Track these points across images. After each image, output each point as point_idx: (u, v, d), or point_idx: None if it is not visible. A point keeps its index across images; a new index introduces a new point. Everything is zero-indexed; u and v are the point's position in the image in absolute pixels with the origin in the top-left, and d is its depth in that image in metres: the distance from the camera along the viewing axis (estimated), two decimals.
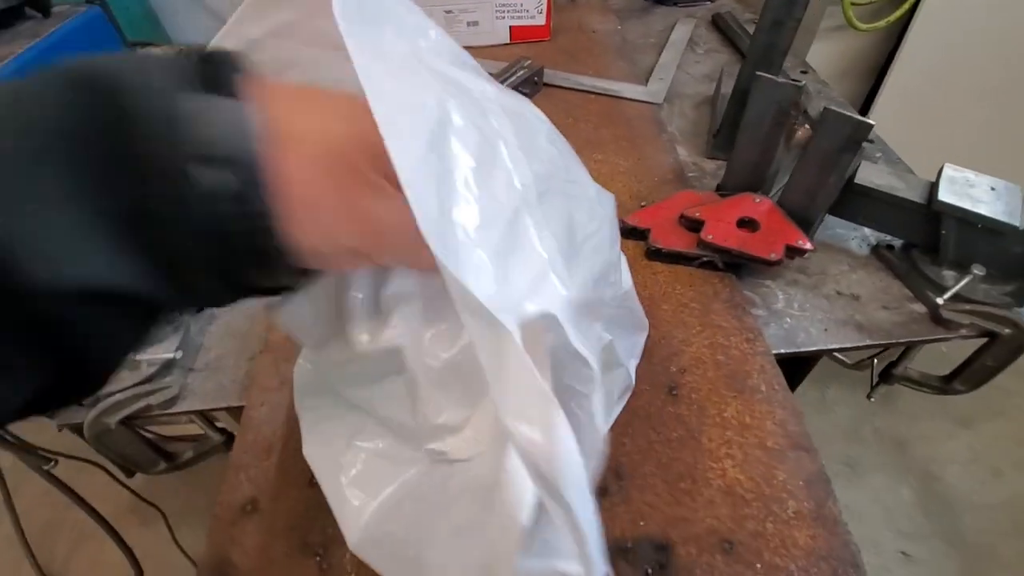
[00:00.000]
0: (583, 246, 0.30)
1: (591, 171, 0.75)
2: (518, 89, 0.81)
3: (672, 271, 0.59)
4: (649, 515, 0.42)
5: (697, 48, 0.97)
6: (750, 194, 0.60)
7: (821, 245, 0.63)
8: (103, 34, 1.04)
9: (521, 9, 0.93)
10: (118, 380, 0.51)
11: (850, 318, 0.56)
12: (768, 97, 0.54)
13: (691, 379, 0.50)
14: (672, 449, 0.46)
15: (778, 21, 0.58)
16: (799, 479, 0.44)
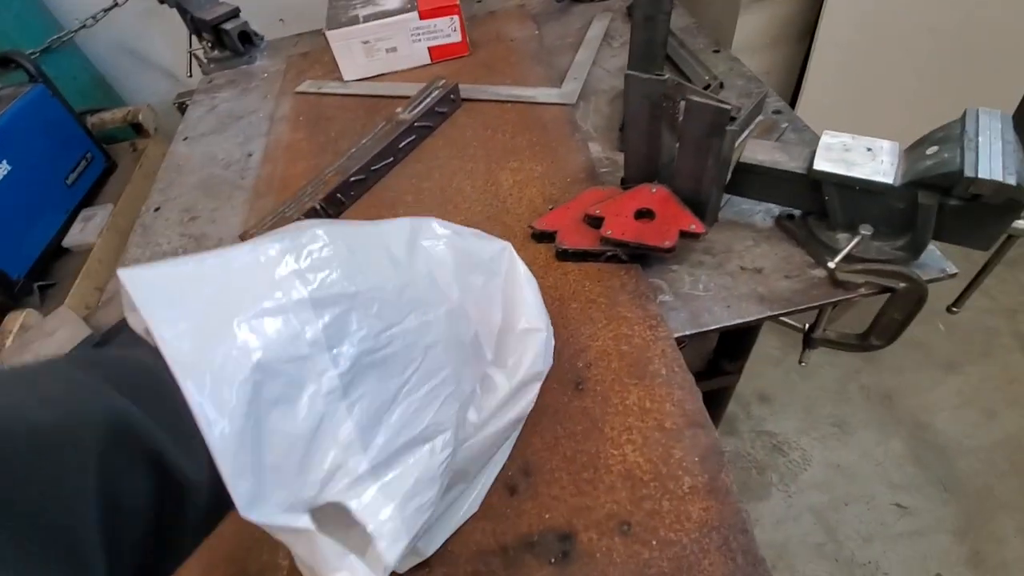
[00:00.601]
0: (401, 403, 0.34)
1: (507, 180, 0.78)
2: (435, 109, 0.84)
3: (581, 269, 0.62)
4: (554, 507, 0.45)
5: (613, 42, 1.00)
6: (647, 185, 0.62)
7: (727, 223, 0.65)
8: (49, 108, 1.09)
9: (436, 30, 0.95)
10: None
11: (752, 291, 0.58)
12: (639, 93, 0.56)
13: (596, 372, 0.53)
14: (577, 442, 0.48)
15: (649, 16, 0.60)
16: (695, 455, 0.46)
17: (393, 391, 0.34)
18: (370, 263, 0.34)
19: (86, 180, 1.12)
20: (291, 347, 0.29)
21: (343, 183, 0.74)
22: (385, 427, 0.33)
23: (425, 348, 0.36)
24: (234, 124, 0.99)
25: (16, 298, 0.93)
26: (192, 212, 0.83)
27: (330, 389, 0.30)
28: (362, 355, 0.32)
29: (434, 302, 0.38)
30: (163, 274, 0.28)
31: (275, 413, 0.28)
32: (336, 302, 0.31)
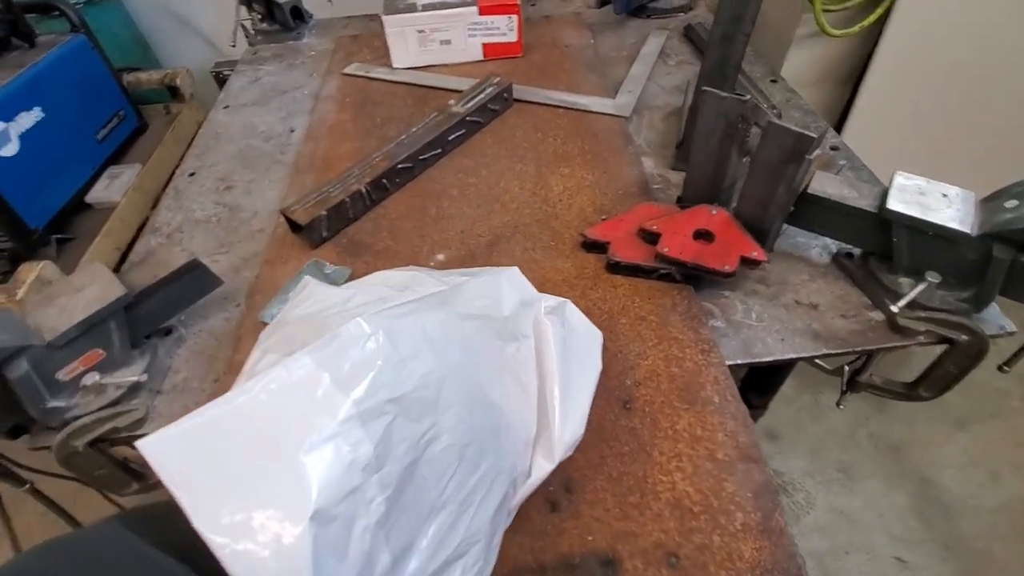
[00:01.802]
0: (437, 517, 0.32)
1: (557, 185, 0.77)
2: (487, 106, 0.83)
3: (632, 284, 0.60)
4: (597, 530, 0.43)
5: (669, 60, 0.99)
6: (707, 206, 0.61)
7: (782, 255, 0.63)
8: (88, 61, 1.07)
9: (493, 27, 0.94)
10: (84, 404, 0.52)
11: (807, 327, 0.56)
12: (715, 111, 0.55)
13: (645, 392, 0.51)
14: (623, 463, 0.46)
15: (727, 36, 0.59)
16: (747, 491, 0.44)
17: (428, 506, 0.31)
18: (412, 355, 0.32)
19: (116, 137, 1.09)
20: (345, 480, 0.26)
21: (390, 169, 0.72)
22: (419, 550, 0.30)
23: (462, 448, 0.33)
24: (277, 98, 0.98)
25: (33, 248, 0.91)
26: (228, 181, 0.81)
27: (377, 519, 0.28)
28: (405, 470, 0.29)
29: (471, 392, 0.35)
30: (185, 430, 0.25)
31: (327, 566, 0.25)
32: (384, 411, 0.29)
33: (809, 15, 1.04)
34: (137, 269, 0.58)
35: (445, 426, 0.32)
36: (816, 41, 1.14)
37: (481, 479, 0.34)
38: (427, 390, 0.31)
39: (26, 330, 0.49)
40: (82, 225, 0.98)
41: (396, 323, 0.32)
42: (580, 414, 0.42)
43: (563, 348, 0.43)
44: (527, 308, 0.43)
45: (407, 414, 0.30)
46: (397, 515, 0.29)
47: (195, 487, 0.24)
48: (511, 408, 0.39)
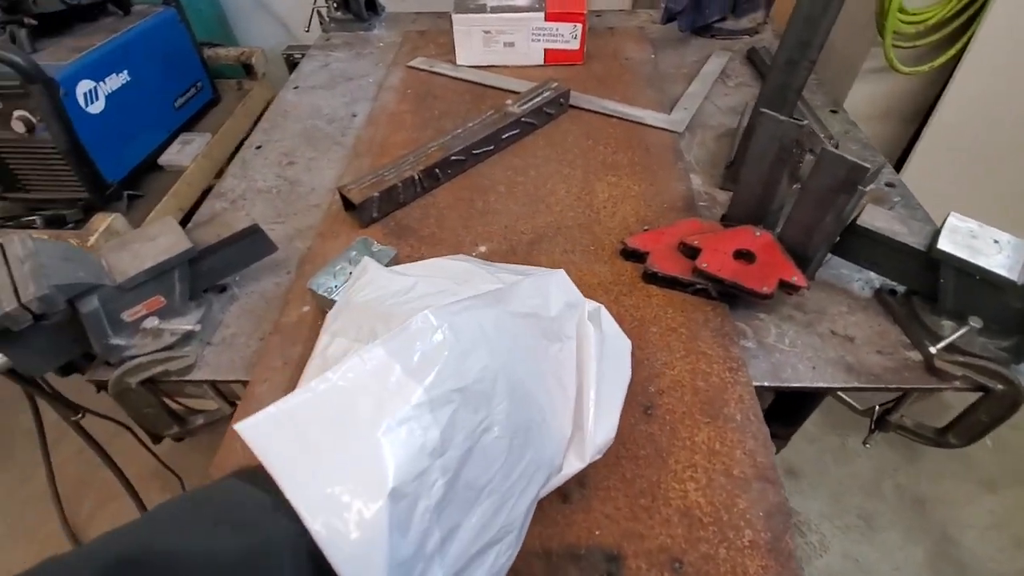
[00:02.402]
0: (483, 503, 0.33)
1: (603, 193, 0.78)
2: (543, 109, 0.85)
3: (666, 295, 0.61)
4: (606, 526, 0.44)
5: (728, 81, 0.99)
6: (751, 227, 0.61)
7: (822, 284, 0.63)
8: (175, 33, 1.14)
9: (556, 34, 0.96)
10: (141, 345, 0.56)
11: (840, 359, 0.56)
12: (770, 133, 0.55)
13: (668, 401, 0.51)
14: (638, 466, 0.47)
15: (792, 61, 0.60)
16: (760, 510, 0.44)
17: (477, 491, 0.33)
18: (472, 349, 0.34)
19: (192, 107, 1.16)
20: (417, 462, 0.29)
21: (444, 160, 0.75)
22: (463, 533, 0.32)
23: (510, 440, 0.35)
24: (344, 84, 1.02)
25: (106, 200, 0.97)
26: (291, 157, 0.86)
27: (437, 501, 0.30)
28: (463, 456, 0.31)
29: (518, 387, 0.37)
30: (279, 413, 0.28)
31: (393, 540, 0.27)
32: (450, 399, 0.31)
33: (878, 49, 1.02)
34: (201, 228, 0.62)
35: (497, 418, 0.34)
36: (883, 76, 1.12)
37: (524, 471, 0.36)
38: (484, 383, 0.33)
39: (100, 270, 0.53)
40: (152, 184, 1.04)
41: (458, 318, 0.34)
42: (612, 419, 0.44)
43: (601, 353, 0.44)
44: (572, 310, 0.45)
45: (467, 404, 0.32)
46: (450, 498, 0.30)
47: (288, 466, 0.26)
48: (551, 405, 0.40)
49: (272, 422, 0.28)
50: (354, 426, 0.28)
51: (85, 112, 0.91)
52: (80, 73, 0.90)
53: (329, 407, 0.29)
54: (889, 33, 0.97)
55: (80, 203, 0.95)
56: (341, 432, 0.28)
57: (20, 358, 0.51)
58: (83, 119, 0.90)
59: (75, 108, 0.88)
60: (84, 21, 1.02)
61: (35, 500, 1.31)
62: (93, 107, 0.93)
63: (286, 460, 0.26)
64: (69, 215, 0.93)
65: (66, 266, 0.50)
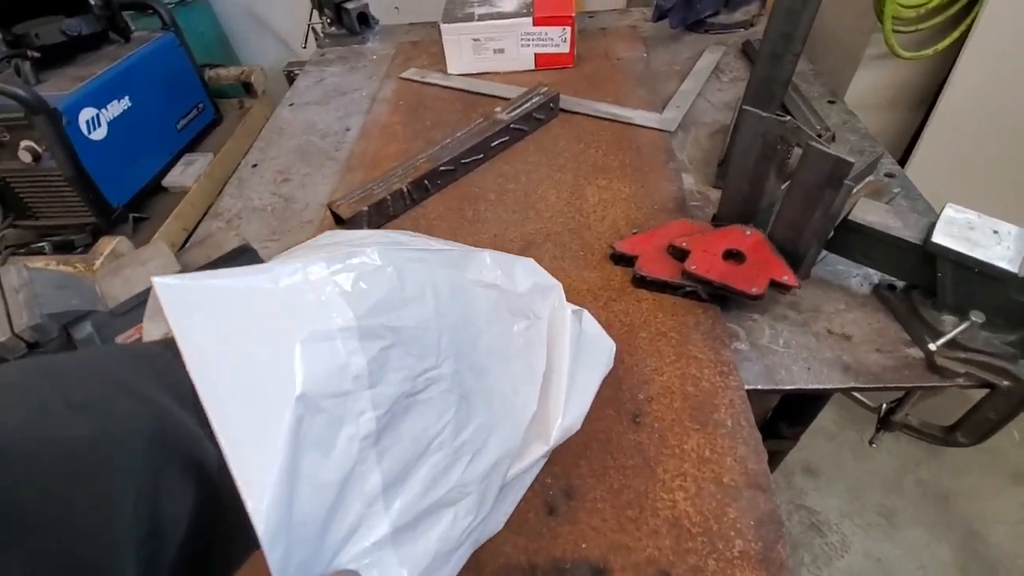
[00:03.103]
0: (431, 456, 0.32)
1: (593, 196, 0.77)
2: (532, 115, 0.84)
3: (656, 299, 0.60)
4: (592, 538, 0.43)
5: (723, 76, 0.97)
6: (741, 226, 0.60)
7: (818, 281, 0.61)
8: (175, 57, 1.17)
9: (546, 38, 0.96)
10: None
11: (837, 358, 0.54)
12: (753, 130, 0.54)
13: (657, 408, 0.50)
14: (626, 476, 0.46)
15: (776, 54, 0.58)
16: (750, 519, 0.43)
17: (424, 443, 0.32)
18: (416, 297, 0.32)
19: (194, 128, 1.19)
20: (335, 381, 0.27)
21: (432, 171, 0.75)
22: (411, 484, 0.31)
23: (459, 397, 0.34)
24: (338, 98, 1.03)
25: (112, 224, 1.00)
26: (286, 174, 0.87)
27: (366, 433, 0.28)
28: (400, 397, 0.30)
29: (469, 351, 0.36)
30: (202, 285, 0.26)
31: (309, 457, 0.25)
32: (381, 335, 0.29)
33: (879, 35, 1.00)
34: (196, 249, 0.63)
35: (444, 372, 0.33)
36: (885, 63, 1.10)
37: (475, 432, 0.35)
38: (428, 332, 0.32)
39: (94, 297, 0.54)
40: (157, 206, 1.07)
41: (408, 265, 0.33)
42: (581, 407, 0.43)
43: (577, 345, 0.43)
44: (543, 292, 0.44)
45: (406, 347, 0.30)
46: (391, 442, 0.29)
47: (199, 344, 0.24)
48: (510, 380, 0.39)
49: (196, 291, 0.25)
50: (275, 327, 0.26)
51: (88, 139, 0.93)
52: (81, 102, 0.92)
53: (258, 300, 0.27)
54: (888, 18, 0.94)
55: (88, 227, 0.98)
56: (263, 329, 0.26)
57: None
58: (86, 146, 0.92)
59: (78, 136, 0.91)
60: (86, 51, 1.05)
61: None
62: (95, 134, 0.95)
63: (197, 337, 0.24)
64: (77, 240, 0.96)
65: (60, 294, 0.51)
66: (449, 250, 0.40)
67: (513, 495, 0.43)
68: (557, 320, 0.44)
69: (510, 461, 0.39)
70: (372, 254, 0.31)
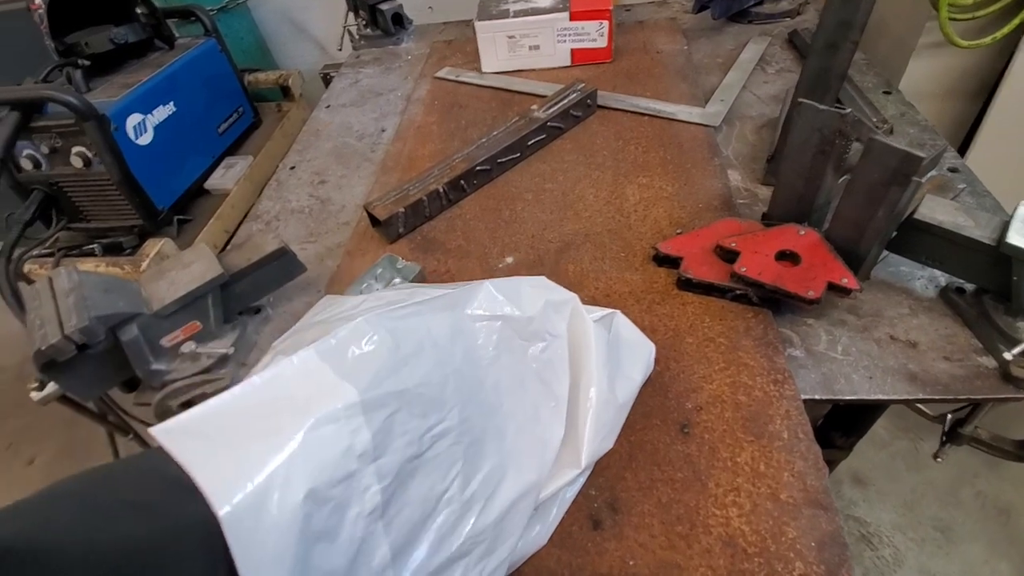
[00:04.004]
0: (441, 513, 0.32)
1: (633, 195, 0.75)
2: (570, 112, 0.82)
3: (703, 303, 0.57)
4: (640, 555, 0.41)
5: (768, 67, 0.93)
6: (794, 225, 0.57)
7: (879, 284, 0.57)
8: (217, 62, 1.19)
9: (582, 33, 0.94)
10: (180, 369, 0.58)
11: (902, 367, 0.51)
12: (810, 124, 0.51)
13: (706, 418, 0.48)
14: (675, 490, 0.44)
15: (832, 44, 0.55)
16: (811, 539, 0.40)
17: (432, 502, 0.31)
18: (414, 353, 0.32)
19: (234, 131, 1.21)
20: (341, 464, 0.27)
21: (468, 171, 0.74)
22: (420, 548, 0.30)
23: (468, 445, 0.33)
24: (373, 99, 1.03)
25: (158, 226, 1.02)
26: (322, 176, 0.87)
27: (372, 508, 0.28)
28: (405, 463, 0.30)
29: (474, 392, 0.35)
30: (198, 417, 0.27)
31: (318, 549, 0.26)
32: (385, 403, 0.30)
33: (934, 23, 0.94)
34: (234, 252, 0.64)
35: (450, 424, 0.32)
36: (941, 51, 1.03)
37: (486, 479, 0.34)
38: (431, 388, 0.32)
39: (139, 299, 0.55)
40: (199, 208, 1.09)
41: (399, 323, 0.33)
42: (616, 422, 0.41)
43: (606, 354, 0.42)
44: (557, 308, 0.43)
45: (410, 408, 0.30)
46: (398, 508, 0.29)
47: (201, 459, 0.25)
48: (528, 409, 0.38)
49: (188, 423, 0.26)
50: (276, 426, 0.27)
51: (135, 144, 0.96)
52: (129, 108, 0.95)
53: (252, 408, 0.27)
54: (944, 5, 0.88)
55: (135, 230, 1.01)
56: (263, 431, 0.27)
57: (70, 385, 0.54)
58: (133, 151, 0.95)
59: (125, 141, 0.93)
60: (133, 58, 1.08)
61: None
62: (142, 139, 0.98)
63: (200, 455, 0.25)
64: (125, 242, 0.98)
65: (107, 297, 0.52)
66: (446, 294, 0.39)
67: (557, 510, 0.42)
68: (577, 334, 0.42)
69: (537, 491, 0.38)
70: (362, 325, 0.31)
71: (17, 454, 1.60)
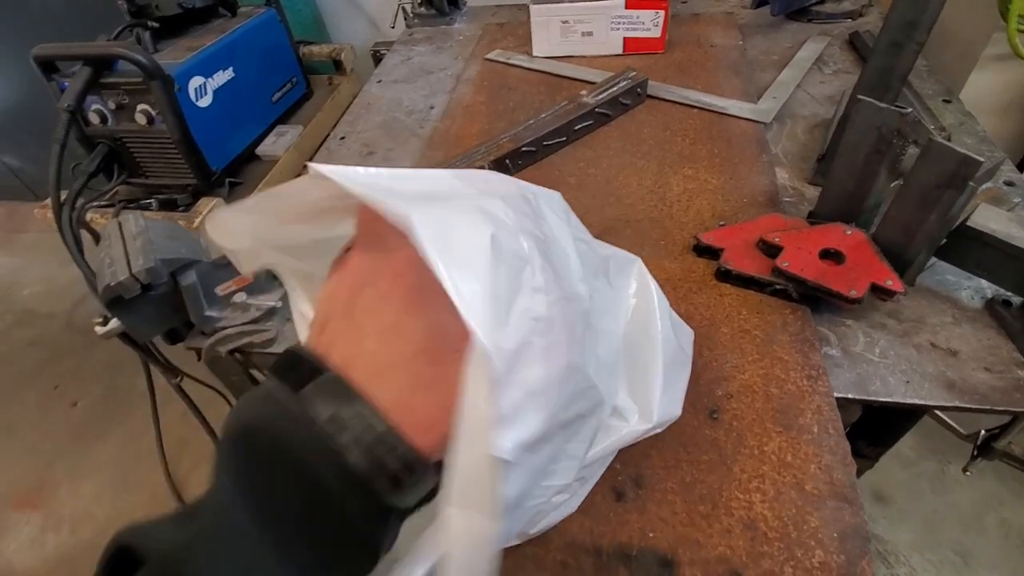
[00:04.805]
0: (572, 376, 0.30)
1: (677, 186, 0.75)
2: (619, 99, 0.82)
3: (740, 295, 0.57)
4: (660, 529, 0.42)
5: (825, 68, 0.91)
6: (842, 224, 0.56)
7: (923, 291, 0.57)
8: (275, 32, 1.22)
9: (637, 21, 0.93)
10: (231, 318, 0.61)
11: (940, 374, 0.50)
12: (868, 122, 0.50)
13: (736, 406, 0.49)
14: (699, 471, 0.45)
15: (896, 43, 0.54)
16: (833, 530, 0.41)
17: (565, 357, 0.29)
18: (536, 215, 0.32)
19: (287, 101, 1.24)
20: (515, 242, 0.27)
21: (514, 151, 0.75)
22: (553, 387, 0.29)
23: (585, 328, 0.32)
24: (423, 77, 1.05)
25: (210, 187, 1.06)
26: (371, 147, 0.90)
27: (538, 316, 0.26)
28: (560, 298, 0.28)
29: (589, 280, 0.34)
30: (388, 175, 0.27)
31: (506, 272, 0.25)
32: (530, 237, 0.28)
33: (1001, 35, 0.91)
34: None
35: (577, 292, 0.32)
36: (1007, 65, 1.00)
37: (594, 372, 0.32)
38: (559, 246, 0.32)
39: (199, 248, 0.58)
40: (250, 173, 1.13)
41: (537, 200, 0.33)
42: (679, 391, 0.42)
43: (671, 322, 0.42)
44: (625, 264, 0.43)
45: (548, 258, 0.29)
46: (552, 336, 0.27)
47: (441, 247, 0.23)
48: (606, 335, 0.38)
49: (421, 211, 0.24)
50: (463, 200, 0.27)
51: (195, 106, 1.00)
52: (192, 70, 0.98)
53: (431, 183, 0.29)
54: (1014, 16, 0.85)
55: (189, 188, 1.05)
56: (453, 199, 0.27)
57: (131, 323, 0.57)
58: (193, 112, 0.99)
59: (187, 102, 0.97)
60: (197, 23, 1.12)
61: (145, 454, 1.47)
62: (202, 101, 1.02)
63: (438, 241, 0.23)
64: (180, 199, 1.03)
65: (170, 243, 0.56)
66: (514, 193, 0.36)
67: (592, 480, 0.43)
68: (641, 294, 0.43)
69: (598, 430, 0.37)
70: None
71: (63, 396, 1.69)
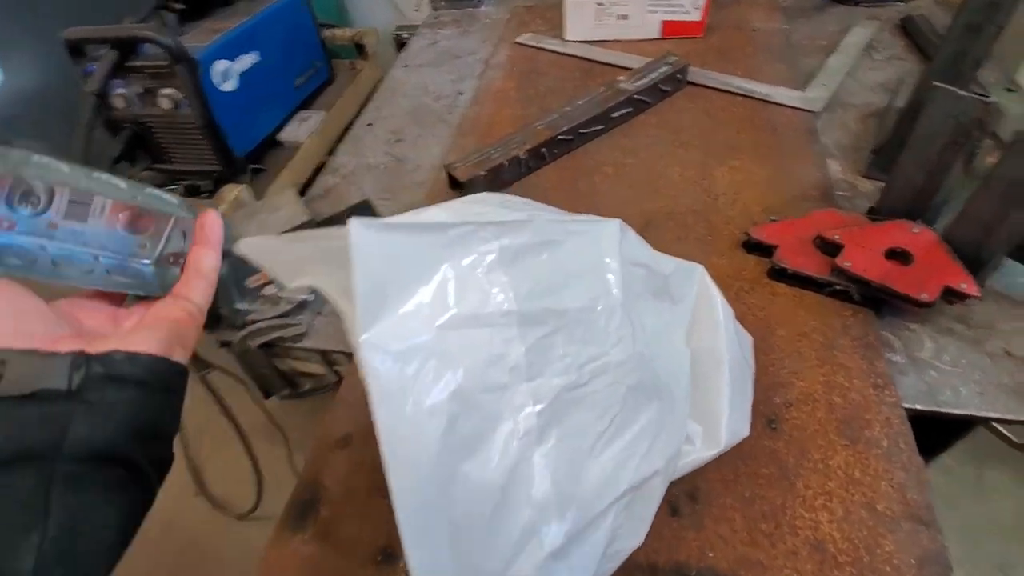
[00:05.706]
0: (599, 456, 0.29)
1: (723, 178, 0.71)
2: (658, 86, 0.79)
3: (796, 295, 0.54)
4: (720, 548, 0.40)
5: (876, 54, 0.86)
6: (908, 222, 0.52)
7: (994, 294, 0.53)
8: (300, 16, 1.19)
9: (675, 4, 0.89)
10: (262, 311, 0.59)
11: (1019, 385, 0.46)
12: (945, 111, 0.46)
13: (796, 415, 0.46)
14: (759, 486, 0.42)
15: (974, 25, 0.50)
16: (911, 555, 0.38)
17: (591, 441, 0.28)
18: (580, 274, 0.29)
19: (309, 86, 1.22)
20: (492, 372, 0.24)
21: (550, 139, 0.72)
22: (582, 488, 0.28)
23: (628, 390, 0.30)
24: (451, 62, 1.02)
25: (234, 173, 1.04)
26: (399, 134, 0.87)
27: (527, 430, 0.25)
28: (563, 391, 0.27)
29: (636, 332, 0.32)
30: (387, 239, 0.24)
31: (466, 456, 0.23)
32: (544, 320, 0.27)
33: None
34: (317, 202, 0.65)
35: (612, 360, 0.29)
36: None
37: (643, 430, 0.31)
38: (594, 314, 0.29)
39: (231, 238, 0.56)
40: (272, 158, 1.11)
41: (569, 239, 0.29)
42: (746, 408, 0.39)
43: (735, 331, 0.39)
44: (688, 273, 0.40)
45: (569, 333, 0.27)
46: (552, 440, 0.26)
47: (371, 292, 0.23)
48: (668, 367, 0.35)
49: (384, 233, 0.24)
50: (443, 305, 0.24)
51: (219, 90, 0.97)
52: (217, 53, 0.96)
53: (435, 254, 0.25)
54: None
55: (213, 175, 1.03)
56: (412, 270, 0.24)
57: None
58: (217, 96, 0.97)
59: (211, 86, 0.95)
60: (223, 5, 1.10)
61: None
62: (226, 85, 0.99)
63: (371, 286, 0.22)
64: (203, 185, 1.01)
65: None
66: (572, 220, 0.35)
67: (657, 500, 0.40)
68: (705, 300, 0.40)
69: (674, 467, 0.35)
70: (542, 223, 0.29)
71: None
